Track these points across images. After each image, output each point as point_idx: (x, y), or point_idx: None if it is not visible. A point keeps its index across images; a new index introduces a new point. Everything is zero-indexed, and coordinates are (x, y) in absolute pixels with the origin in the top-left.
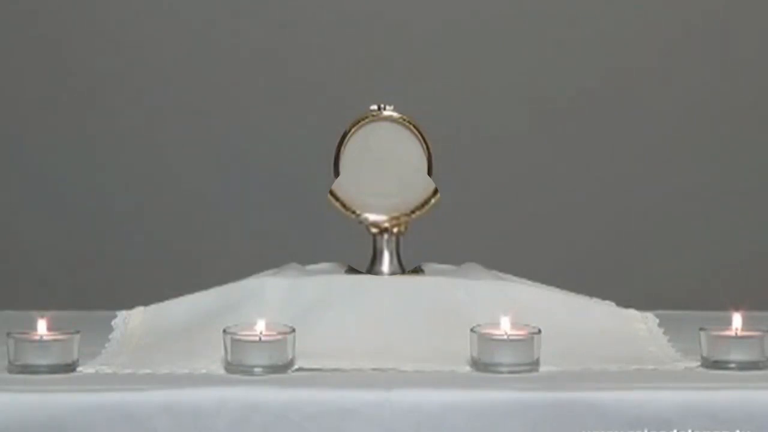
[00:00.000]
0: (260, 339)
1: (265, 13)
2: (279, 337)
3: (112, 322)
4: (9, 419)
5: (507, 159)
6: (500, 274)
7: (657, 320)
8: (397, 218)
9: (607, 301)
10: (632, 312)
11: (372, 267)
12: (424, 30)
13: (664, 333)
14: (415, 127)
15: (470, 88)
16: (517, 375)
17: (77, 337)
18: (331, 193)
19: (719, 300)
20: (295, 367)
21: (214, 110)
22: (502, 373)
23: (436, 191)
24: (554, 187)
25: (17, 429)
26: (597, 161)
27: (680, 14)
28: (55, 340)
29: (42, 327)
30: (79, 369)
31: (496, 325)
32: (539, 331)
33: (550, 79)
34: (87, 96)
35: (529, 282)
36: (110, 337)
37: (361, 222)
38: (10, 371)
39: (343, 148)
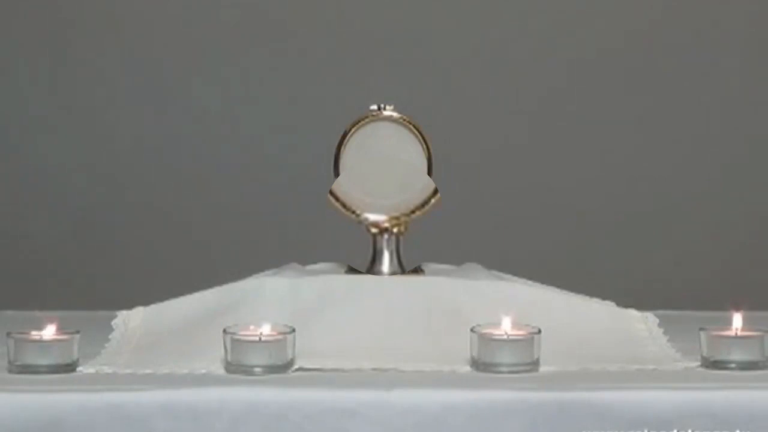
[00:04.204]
0: (260, 339)
1: (265, 13)
2: (279, 337)
3: (112, 322)
4: (9, 419)
5: (507, 159)
6: (500, 274)
7: (657, 320)
8: (397, 218)
9: (607, 301)
10: (632, 312)
11: (372, 267)
12: (424, 30)
13: (664, 333)
14: (415, 127)
15: (470, 88)
16: (517, 375)
17: (77, 337)
18: (331, 193)
19: (719, 300)
20: (295, 367)
21: (213, 110)
22: (502, 373)
23: (436, 191)
24: (554, 187)
25: (17, 429)
26: (597, 161)
27: (680, 17)
28: (55, 340)
29: (43, 327)
30: (79, 369)
31: (496, 325)
32: (539, 331)
33: (550, 79)
34: (87, 96)
35: (529, 282)
36: (110, 337)
37: (361, 222)
38: (10, 371)
39: (343, 148)
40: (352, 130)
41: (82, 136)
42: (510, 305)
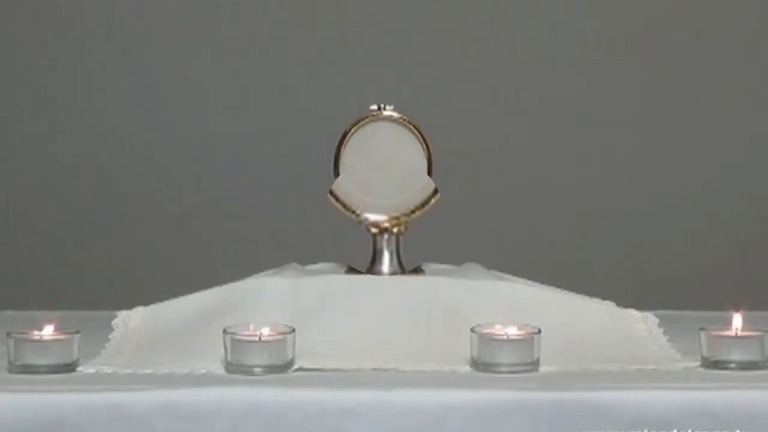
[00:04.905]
0: (260, 339)
1: (265, 13)
2: (279, 337)
3: (112, 322)
4: (9, 419)
5: (507, 159)
6: (500, 274)
7: (657, 320)
8: (397, 218)
9: (607, 301)
10: (632, 312)
11: (372, 267)
12: (424, 30)
13: (664, 333)
14: (415, 127)
15: (470, 88)
16: (517, 375)
17: (77, 337)
18: (331, 193)
19: (719, 300)
20: (295, 367)
21: (214, 110)
22: (502, 373)
23: (436, 191)
24: (554, 187)
25: (17, 429)
26: (597, 161)
27: (680, 17)
28: (55, 340)
29: (43, 327)
30: (79, 369)
31: (496, 325)
32: (539, 331)
33: (550, 79)
34: (87, 96)
35: (529, 282)
36: (110, 337)
37: (361, 222)
38: (10, 371)
39: (343, 148)
40: (352, 130)
41: (83, 136)
42: (510, 305)
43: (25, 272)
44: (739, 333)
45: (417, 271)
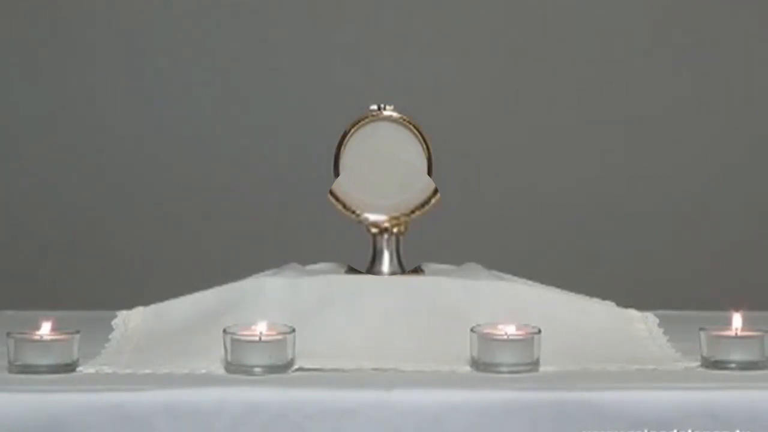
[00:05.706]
0: (260, 339)
1: (265, 12)
2: (279, 337)
3: (112, 322)
4: (9, 419)
5: (507, 159)
6: (500, 274)
7: (657, 320)
8: (397, 218)
9: (607, 301)
10: (632, 312)
11: (372, 267)
12: (424, 30)
13: (664, 333)
14: (415, 127)
15: (470, 88)
16: (517, 375)
17: (77, 337)
18: (331, 193)
19: (719, 300)
20: (295, 367)
21: (214, 110)
22: (502, 373)
23: (436, 191)
24: (554, 187)
25: (17, 429)
26: (597, 161)
27: (680, 17)
28: (55, 340)
29: (43, 327)
30: (79, 369)
31: (496, 325)
32: (539, 331)
33: (550, 79)
34: (87, 96)
35: (529, 282)
36: (110, 337)
37: (361, 222)
38: (10, 371)
39: (343, 148)
40: (352, 130)
41: (83, 136)
42: (510, 305)
43: (25, 272)
44: (739, 333)
45: (417, 271)
